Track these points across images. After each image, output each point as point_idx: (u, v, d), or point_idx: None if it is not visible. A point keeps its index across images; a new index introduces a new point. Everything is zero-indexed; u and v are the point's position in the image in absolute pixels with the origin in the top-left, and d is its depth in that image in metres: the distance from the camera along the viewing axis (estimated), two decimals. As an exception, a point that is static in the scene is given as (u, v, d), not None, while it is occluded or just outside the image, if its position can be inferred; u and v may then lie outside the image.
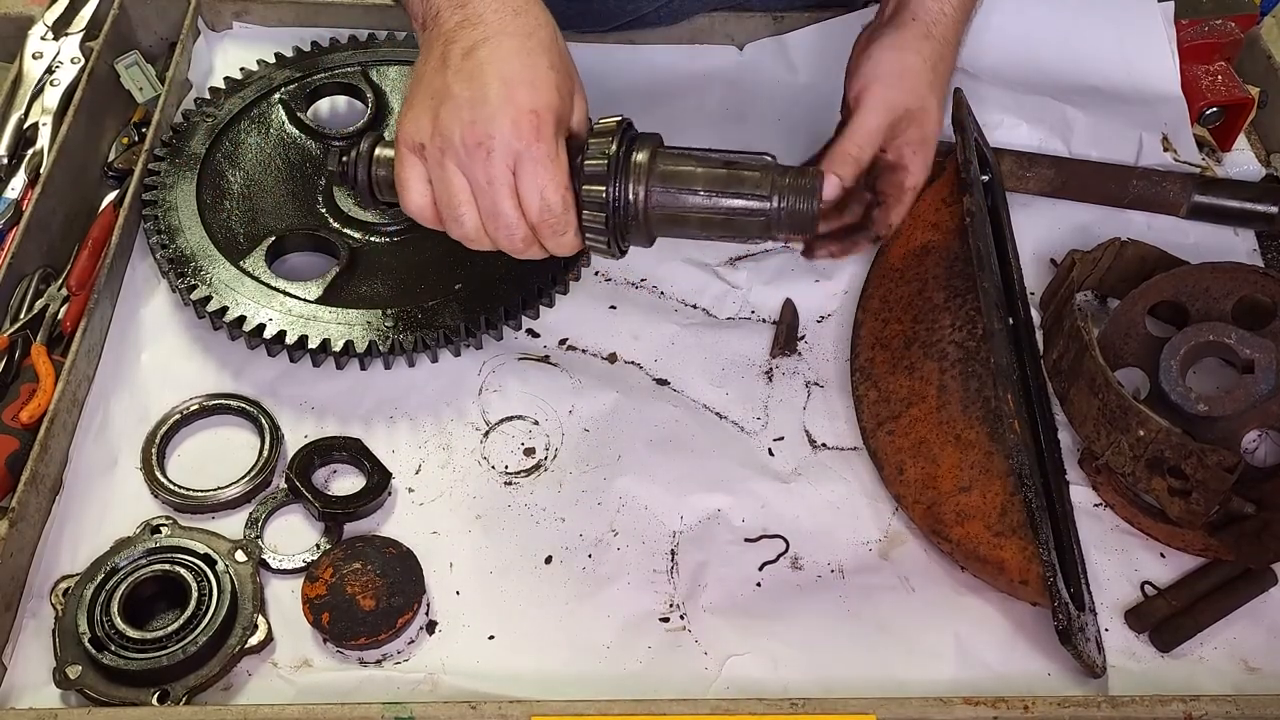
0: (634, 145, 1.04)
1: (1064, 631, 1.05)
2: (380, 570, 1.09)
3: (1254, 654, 1.12)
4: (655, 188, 1.03)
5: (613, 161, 1.02)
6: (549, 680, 1.07)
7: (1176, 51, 1.57)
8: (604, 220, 1.02)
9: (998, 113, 1.50)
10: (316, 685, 1.05)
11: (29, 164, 1.39)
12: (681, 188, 1.03)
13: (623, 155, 1.03)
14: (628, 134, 1.05)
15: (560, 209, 0.99)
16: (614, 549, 1.16)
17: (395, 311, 1.25)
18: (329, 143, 1.39)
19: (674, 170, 1.03)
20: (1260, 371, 1.17)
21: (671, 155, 1.04)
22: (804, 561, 1.16)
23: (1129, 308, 1.29)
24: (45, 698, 1.03)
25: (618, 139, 1.03)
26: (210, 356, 1.27)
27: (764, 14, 1.61)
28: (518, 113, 0.95)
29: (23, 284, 1.28)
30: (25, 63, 1.47)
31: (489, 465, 1.21)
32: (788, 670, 1.08)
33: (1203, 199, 1.44)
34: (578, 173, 1.01)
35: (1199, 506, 1.11)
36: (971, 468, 1.16)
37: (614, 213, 1.02)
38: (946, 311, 1.27)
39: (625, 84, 1.56)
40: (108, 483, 1.17)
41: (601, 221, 1.02)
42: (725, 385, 1.29)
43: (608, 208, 1.02)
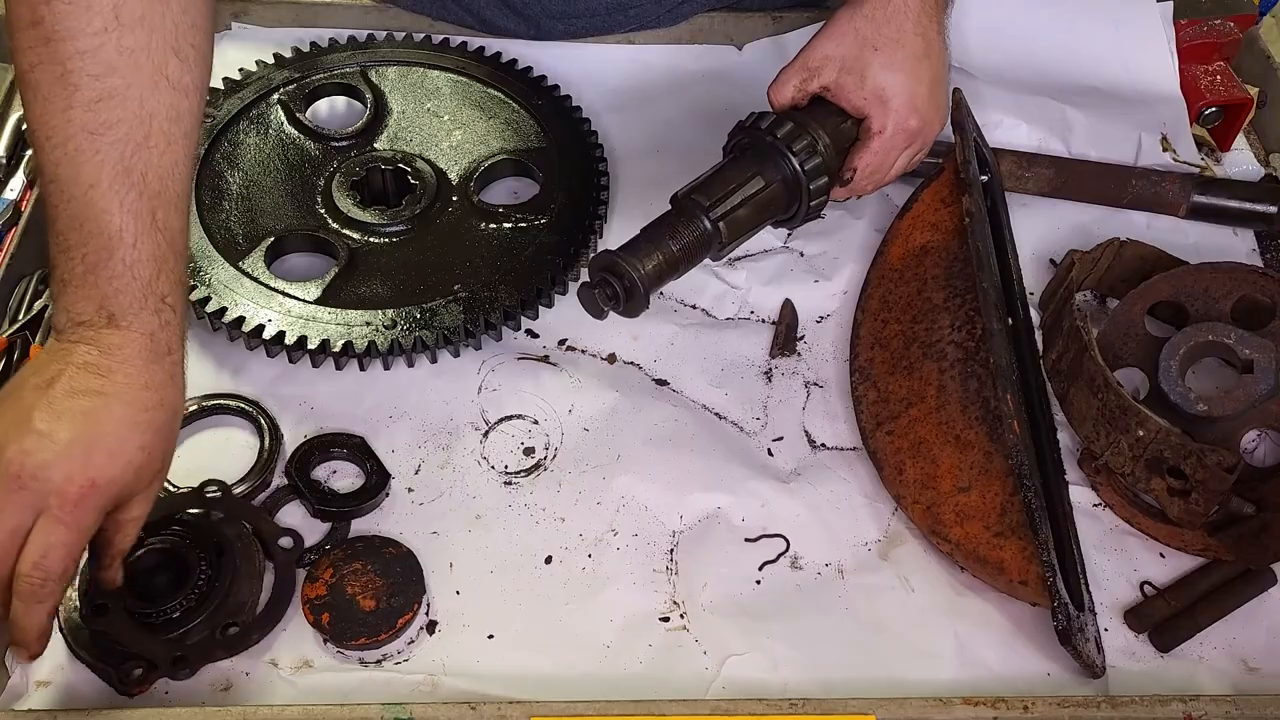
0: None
1: (1063, 631, 1.05)
2: (380, 571, 1.09)
3: (1253, 654, 1.12)
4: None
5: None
6: (549, 680, 1.07)
7: (1176, 51, 1.57)
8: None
9: (997, 113, 1.50)
10: (316, 686, 1.05)
11: (28, 165, 1.39)
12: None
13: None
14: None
15: (55, 576, 0.90)
16: (614, 549, 1.16)
17: (394, 312, 1.25)
18: (329, 142, 1.39)
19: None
20: (1259, 371, 1.17)
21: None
22: (804, 561, 1.16)
23: (1128, 308, 1.29)
24: (46, 699, 1.03)
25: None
26: (209, 357, 1.27)
27: (763, 14, 1.61)
28: (74, 475, 0.89)
29: (22, 284, 1.28)
30: (24, 63, 1.47)
31: (488, 465, 1.21)
32: (787, 670, 1.09)
33: (1202, 199, 1.44)
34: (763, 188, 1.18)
35: (1198, 506, 1.11)
36: (971, 468, 1.16)
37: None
38: (946, 312, 1.27)
39: (625, 84, 1.56)
40: (107, 483, 1.17)
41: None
42: (725, 385, 1.29)
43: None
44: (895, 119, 1.20)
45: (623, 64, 1.58)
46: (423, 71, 1.49)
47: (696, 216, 1.16)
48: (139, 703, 1.03)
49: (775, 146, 1.20)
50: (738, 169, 1.20)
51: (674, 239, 1.15)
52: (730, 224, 1.17)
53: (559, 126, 1.44)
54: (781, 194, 1.21)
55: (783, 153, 1.19)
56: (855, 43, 1.19)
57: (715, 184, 1.18)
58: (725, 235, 1.17)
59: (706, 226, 1.16)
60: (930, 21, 1.20)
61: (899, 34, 1.18)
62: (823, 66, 1.21)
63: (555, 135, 1.43)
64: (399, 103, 1.45)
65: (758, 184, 1.18)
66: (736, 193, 1.18)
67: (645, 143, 1.50)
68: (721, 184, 1.18)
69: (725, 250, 1.20)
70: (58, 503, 0.89)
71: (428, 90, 1.47)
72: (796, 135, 1.19)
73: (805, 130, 1.20)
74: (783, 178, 1.20)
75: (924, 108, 1.21)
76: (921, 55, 1.19)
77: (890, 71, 1.18)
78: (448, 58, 1.50)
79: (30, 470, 0.89)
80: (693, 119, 1.53)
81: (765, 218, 1.22)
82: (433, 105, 1.46)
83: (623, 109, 1.53)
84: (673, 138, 1.52)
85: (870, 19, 1.19)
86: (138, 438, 0.93)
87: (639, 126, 1.52)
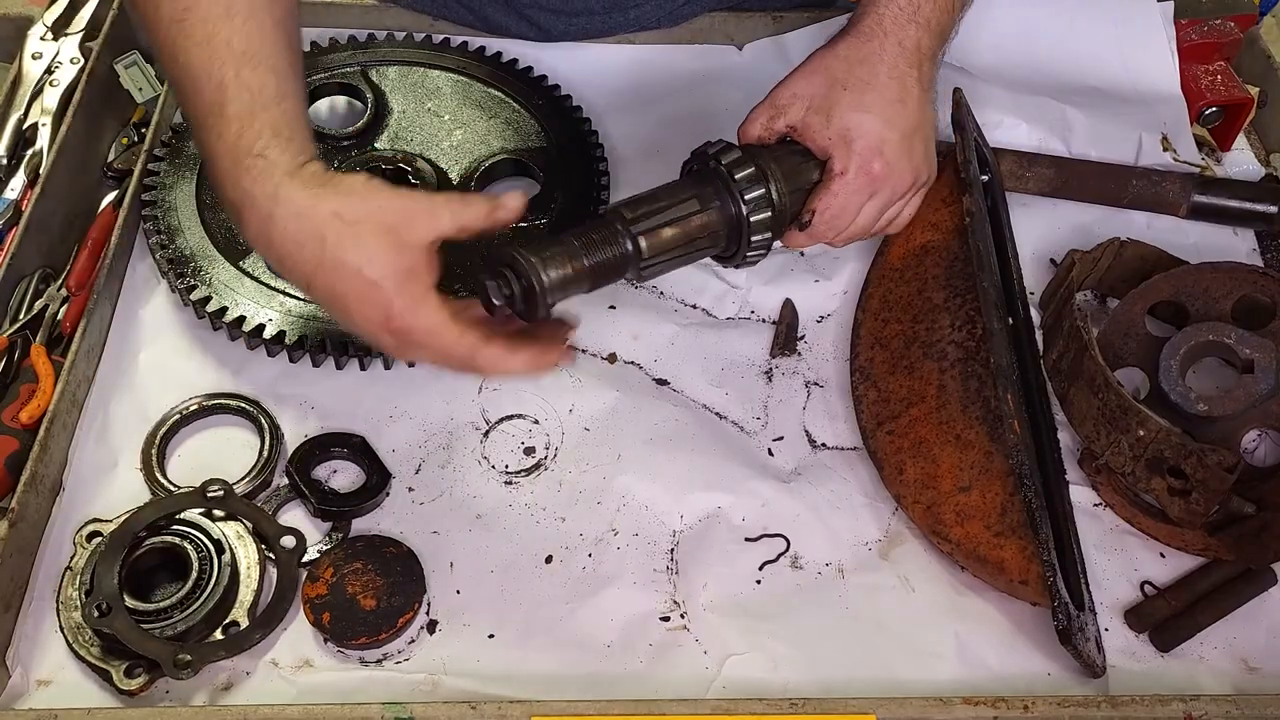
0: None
1: (1064, 631, 1.05)
2: (381, 570, 1.09)
3: (1254, 654, 1.12)
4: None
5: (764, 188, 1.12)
6: (549, 680, 1.07)
7: (1176, 51, 1.57)
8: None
9: (997, 113, 1.50)
10: (316, 685, 1.05)
11: (28, 164, 1.39)
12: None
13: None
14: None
15: (451, 340, 1.00)
16: (614, 548, 1.16)
17: (395, 311, 1.25)
18: (330, 142, 1.39)
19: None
20: (1260, 371, 1.17)
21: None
22: (804, 561, 1.16)
23: (1129, 308, 1.29)
24: (47, 699, 1.04)
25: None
26: (210, 356, 1.27)
27: (763, 14, 1.61)
28: (378, 312, 0.98)
29: (22, 284, 1.28)
30: (25, 63, 1.47)
31: (489, 465, 1.21)
32: (788, 670, 1.09)
33: (1202, 199, 1.44)
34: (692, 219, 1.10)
35: (1199, 506, 1.11)
36: (971, 468, 1.16)
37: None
38: (946, 311, 1.27)
39: (625, 84, 1.56)
40: (108, 483, 1.17)
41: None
42: (725, 385, 1.29)
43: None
44: (858, 161, 1.13)
45: (623, 64, 1.58)
46: (423, 71, 1.49)
47: (616, 230, 1.08)
48: (139, 703, 1.03)
49: (718, 173, 1.12)
50: (674, 189, 1.12)
51: (588, 251, 1.06)
52: (652, 242, 1.08)
53: (559, 126, 1.44)
54: (719, 223, 1.12)
55: (725, 180, 1.11)
56: (825, 81, 1.15)
57: (646, 200, 1.10)
58: (645, 252, 1.08)
59: (626, 244, 1.07)
60: (909, 68, 1.15)
61: (871, 76, 1.14)
62: (790, 104, 1.16)
63: (555, 135, 1.43)
64: (399, 102, 1.45)
65: (691, 206, 1.10)
66: (665, 212, 1.09)
67: (645, 143, 1.50)
68: (651, 200, 1.10)
69: (647, 270, 1.10)
70: (404, 346, 1.01)
71: (428, 90, 1.47)
72: (743, 164, 1.12)
73: (753, 161, 1.12)
74: (720, 205, 1.11)
75: (891, 154, 1.14)
76: (895, 100, 1.14)
77: (858, 112, 1.13)
78: (448, 57, 1.50)
79: (397, 328, 0.99)
80: (693, 119, 1.52)
81: (698, 245, 1.12)
82: (433, 105, 1.45)
83: (623, 109, 1.53)
84: (673, 138, 1.51)
85: (843, 59, 1.15)
86: (363, 257, 0.98)
87: (639, 126, 1.52)
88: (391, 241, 0.98)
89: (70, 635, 1.05)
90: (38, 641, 1.07)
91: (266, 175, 0.99)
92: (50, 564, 1.11)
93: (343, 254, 0.97)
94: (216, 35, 1.02)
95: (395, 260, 0.98)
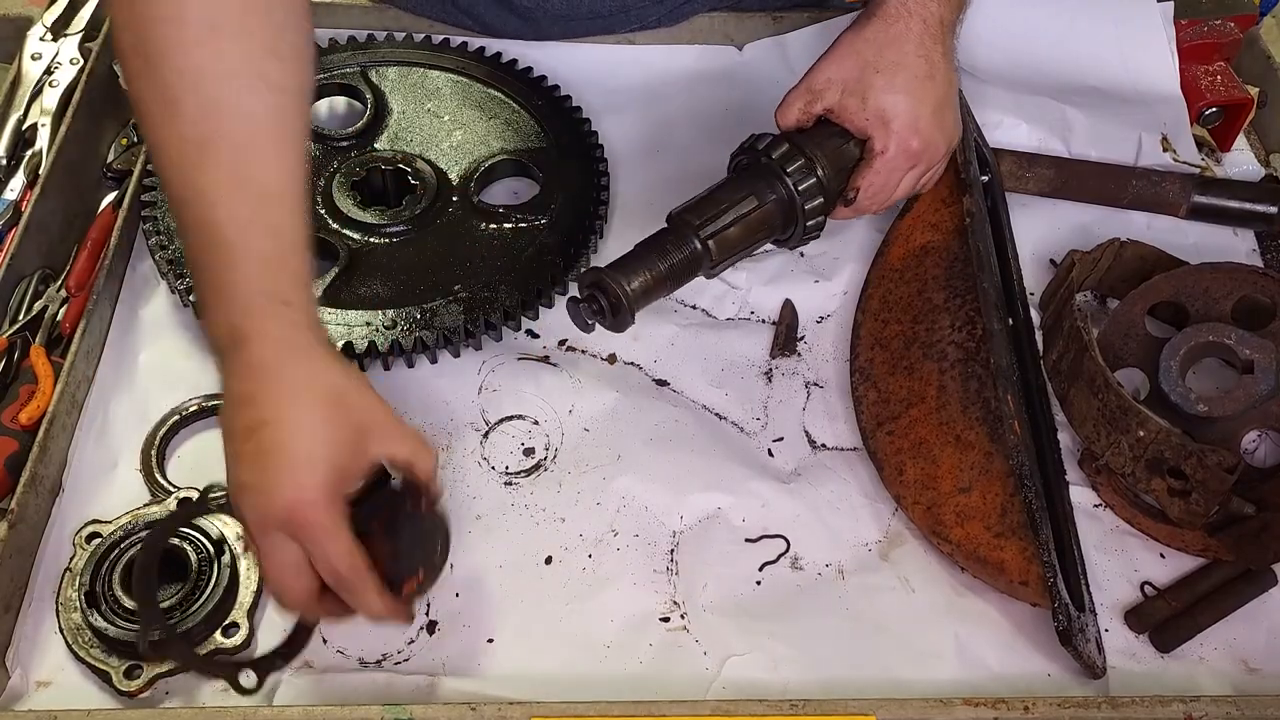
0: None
1: (1064, 632, 1.05)
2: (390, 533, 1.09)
3: (1254, 654, 1.12)
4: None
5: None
6: (549, 681, 1.06)
7: (1176, 51, 1.56)
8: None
9: (997, 113, 1.50)
10: (316, 686, 1.05)
11: (28, 165, 1.39)
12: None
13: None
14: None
15: (350, 569, 0.93)
16: (614, 549, 1.16)
17: (394, 312, 1.25)
18: (329, 143, 1.39)
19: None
20: (1260, 372, 1.17)
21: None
22: (804, 562, 1.16)
23: (1129, 308, 1.29)
24: (46, 701, 1.03)
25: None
26: (210, 357, 1.26)
27: (763, 14, 1.61)
28: (293, 502, 0.91)
29: (22, 285, 1.28)
30: (24, 64, 1.47)
31: (489, 465, 1.21)
32: (788, 670, 1.08)
33: (1202, 199, 1.43)
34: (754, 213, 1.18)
35: (1199, 507, 1.11)
36: (971, 468, 1.16)
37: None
38: (946, 312, 1.27)
39: (625, 84, 1.56)
40: (108, 484, 1.17)
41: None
42: (725, 386, 1.29)
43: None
44: (897, 140, 1.19)
45: (623, 64, 1.58)
46: (423, 72, 1.49)
47: (686, 236, 1.16)
48: (139, 703, 1.03)
49: (770, 167, 1.20)
50: (730, 189, 1.20)
51: (662, 258, 1.15)
52: (720, 243, 1.17)
53: (559, 126, 1.44)
54: (776, 214, 1.20)
55: (777, 173, 1.19)
56: (857, 65, 1.20)
57: (707, 204, 1.18)
58: (715, 254, 1.17)
59: (696, 246, 1.16)
60: (934, 44, 1.20)
61: (900, 56, 1.19)
62: (826, 89, 1.21)
63: (555, 135, 1.43)
64: (399, 103, 1.45)
65: (750, 204, 1.18)
66: (728, 212, 1.17)
67: (645, 143, 1.50)
68: (713, 204, 1.18)
69: (717, 268, 1.19)
70: (298, 531, 0.92)
71: (428, 90, 1.47)
72: (792, 156, 1.19)
73: (801, 151, 1.20)
74: (776, 198, 1.19)
75: (926, 129, 1.20)
76: (925, 77, 1.20)
77: (892, 93, 1.19)
78: (448, 58, 1.50)
79: (260, 520, 0.92)
80: (693, 119, 1.53)
81: (759, 237, 1.21)
82: (433, 105, 1.45)
83: (623, 109, 1.53)
84: (673, 138, 1.52)
85: (872, 42, 1.20)
86: (320, 436, 0.92)
87: (639, 126, 1.52)
88: (358, 442, 0.94)
89: (70, 636, 1.05)
90: (37, 642, 1.07)
91: (290, 322, 0.94)
92: (50, 565, 1.11)
93: (313, 422, 0.92)
94: (247, 166, 0.95)
95: (349, 460, 0.94)
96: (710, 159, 1.25)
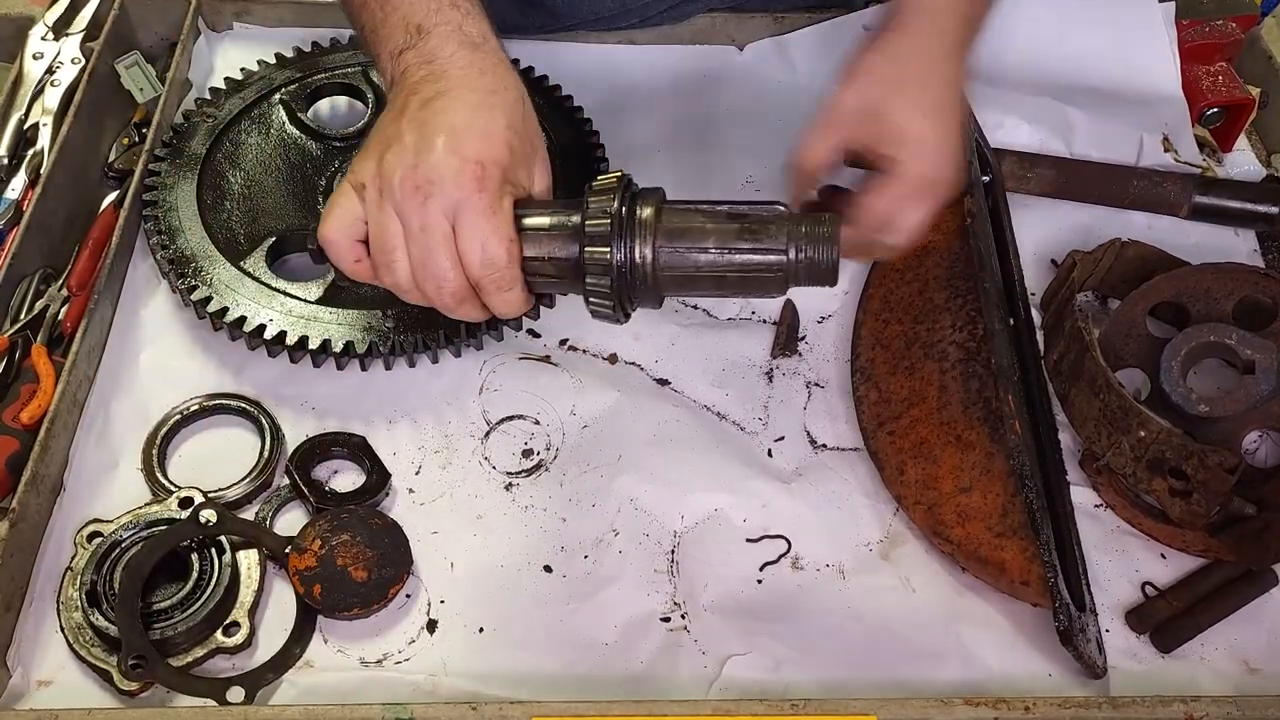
0: (637, 202, 0.98)
1: (1065, 632, 1.05)
2: (369, 542, 1.09)
3: (1255, 655, 1.12)
4: (663, 247, 0.96)
5: (616, 220, 0.95)
6: (549, 681, 1.07)
7: (1177, 52, 1.57)
8: (609, 285, 0.96)
9: (998, 113, 1.50)
10: (317, 686, 1.05)
11: (29, 164, 1.39)
12: (691, 245, 0.96)
13: (626, 213, 0.96)
14: (629, 190, 0.98)
15: (504, 262, 0.95)
16: (614, 549, 1.16)
17: (396, 312, 1.25)
18: (330, 142, 1.39)
19: (682, 226, 0.97)
20: (1261, 372, 1.17)
21: (678, 210, 0.98)
22: (805, 562, 1.16)
23: (1130, 308, 1.29)
24: (47, 700, 1.04)
25: (619, 195, 0.96)
26: (210, 357, 1.27)
27: (764, 14, 1.61)
28: (461, 162, 0.94)
29: (23, 285, 1.28)
30: (26, 63, 1.47)
31: (489, 465, 1.21)
32: (788, 671, 1.08)
33: (1203, 199, 1.44)
34: (562, 234, 0.97)
35: (1200, 507, 1.11)
36: (972, 468, 1.16)
37: (619, 276, 0.96)
38: (947, 312, 1.27)
39: (625, 84, 1.56)
40: (109, 483, 1.17)
41: (606, 286, 0.96)
42: (726, 386, 1.29)
43: (612, 270, 0.95)
44: (915, 166, 1.05)
45: (623, 64, 1.58)
46: (424, 71, 1.49)
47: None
48: (139, 703, 1.03)
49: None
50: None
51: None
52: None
53: (559, 126, 1.44)
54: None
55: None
56: (873, 84, 1.07)
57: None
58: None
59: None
60: (955, 65, 1.10)
61: (924, 73, 1.08)
62: (841, 120, 1.07)
63: (555, 135, 1.43)
64: (400, 103, 1.45)
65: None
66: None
67: (645, 143, 1.50)
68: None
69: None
70: (463, 195, 0.93)
71: (429, 90, 1.47)
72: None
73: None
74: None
75: (947, 159, 1.07)
76: (950, 101, 1.09)
77: (913, 113, 1.06)
78: (449, 58, 1.50)
79: (419, 179, 0.93)
80: (693, 119, 1.53)
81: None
82: (434, 105, 1.45)
83: (623, 109, 1.53)
84: (673, 138, 1.52)
85: (890, 56, 1.09)
86: (500, 117, 0.97)
87: (639, 126, 1.52)
88: (525, 148, 0.99)
89: (71, 635, 1.05)
90: (38, 642, 1.07)
91: (466, 12, 1.02)
92: (51, 564, 1.11)
93: (492, 104, 0.97)
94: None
95: (520, 157, 0.98)
96: (709, 160, 1.25)
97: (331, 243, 1.01)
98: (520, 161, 0.99)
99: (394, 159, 0.95)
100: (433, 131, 0.95)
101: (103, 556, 1.08)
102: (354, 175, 0.99)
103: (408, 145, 0.95)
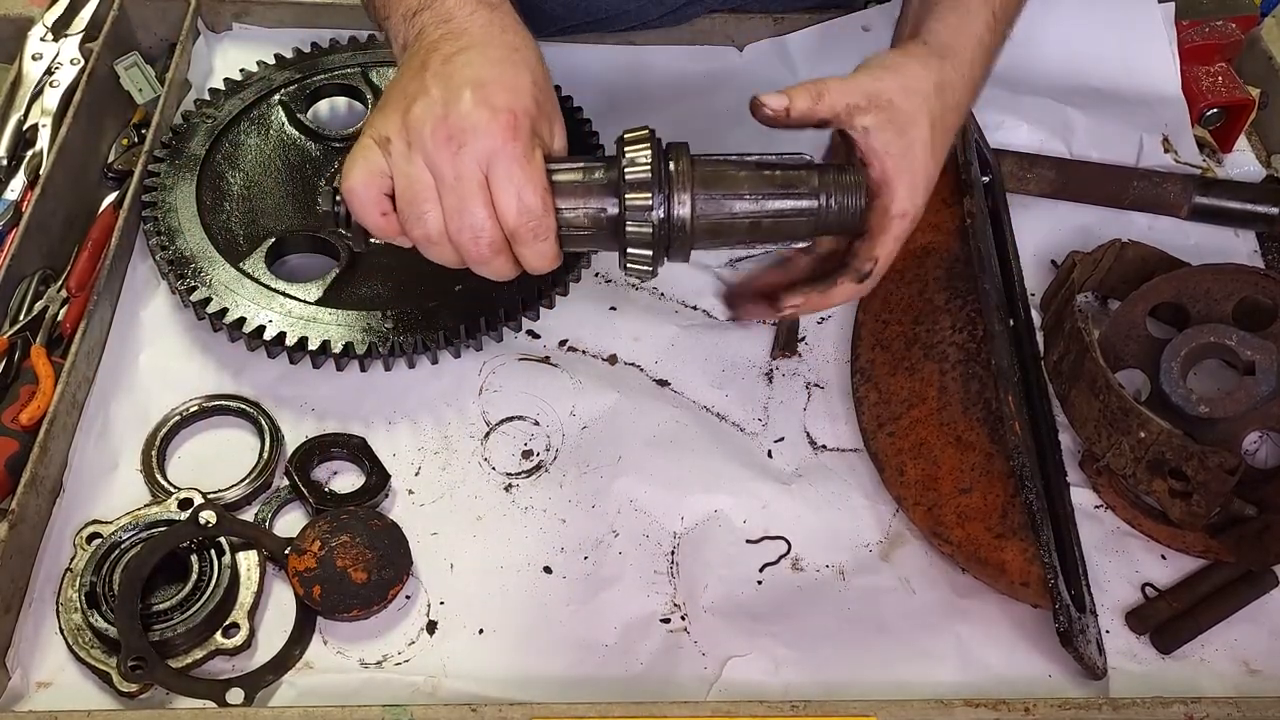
0: (669, 154, 0.99)
1: (1065, 633, 1.05)
2: (369, 543, 1.09)
3: (1255, 656, 1.12)
4: (700, 194, 0.97)
5: (655, 168, 0.96)
6: (549, 682, 1.07)
7: (1177, 52, 1.57)
8: (650, 233, 0.96)
9: (998, 114, 1.50)
10: (317, 687, 1.05)
11: (28, 165, 1.39)
12: (727, 193, 0.98)
13: (663, 163, 0.98)
14: (659, 143, 1.00)
15: (540, 210, 0.94)
16: (614, 550, 1.16)
17: (395, 313, 1.25)
18: (330, 143, 1.39)
19: (717, 175, 0.98)
20: (1261, 373, 1.17)
21: (710, 161, 1.00)
22: (805, 563, 1.16)
23: (1130, 309, 1.29)
24: (46, 701, 1.03)
25: (653, 146, 0.98)
26: (210, 358, 1.27)
27: (764, 15, 1.61)
28: (493, 112, 0.93)
29: (22, 285, 1.28)
30: (25, 64, 1.47)
31: (489, 466, 1.21)
32: (789, 671, 1.08)
33: (1203, 200, 1.44)
34: (596, 185, 0.97)
35: (1200, 508, 1.11)
36: (972, 469, 1.16)
37: (659, 224, 0.97)
38: (947, 313, 1.27)
39: (625, 85, 1.56)
40: (108, 485, 1.17)
41: (649, 235, 0.96)
42: (725, 386, 1.29)
43: (653, 218, 0.96)
44: (915, 204, 1.01)
45: (623, 64, 1.58)
46: (423, 72, 1.49)
47: None
48: (139, 704, 1.03)
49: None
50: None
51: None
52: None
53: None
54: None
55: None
56: (904, 94, 1.00)
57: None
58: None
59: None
60: (970, 99, 1.07)
61: (955, 104, 1.04)
62: (862, 106, 0.99)
63: (556, 136, 1.43)
64: (400, 103, 1.45)
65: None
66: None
67: (646, 143, 1.50)
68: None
69: None
70: (496, 144, 0.93)
71: (428, 91, 1.47)
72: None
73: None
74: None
75: (924, 199, 1.02)
76: (953, 137, 1.06)
77: (931, 140, 1.01)
78: (448, 58, 1.50)
79: (452, 129, 0.92)
80: (693, 120, 1.53)
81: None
82: (433, 106, 1.45)
83: (623, 109, 1.53)
84: (672, 138, 1.50)
85: (926, 74, 1.02)
86: (523, 72, 0.97)
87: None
88: (551, 105, 1.00)
89: (70, 637, 1.05)
90: (38, 643, 1.07)
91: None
92: (50, 565, 1.11)
93: (516, 60, 0.97)
94: None
95: (543, 111, 0.98)
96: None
97: (356, 195, 0.97)
98: (544, 117, 0.99)
99: (422, 110, 0.93)
100: (459, 84, 0.94)
101: (102, 558, 1.08)
102: (375, 130, 0.96)
103: (435, 98, 0.94)
